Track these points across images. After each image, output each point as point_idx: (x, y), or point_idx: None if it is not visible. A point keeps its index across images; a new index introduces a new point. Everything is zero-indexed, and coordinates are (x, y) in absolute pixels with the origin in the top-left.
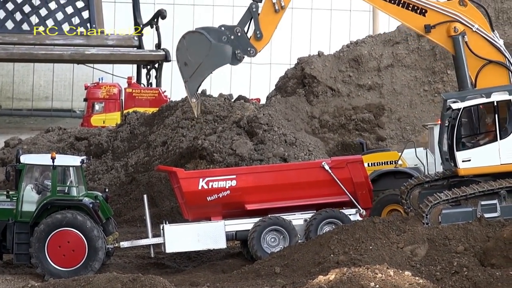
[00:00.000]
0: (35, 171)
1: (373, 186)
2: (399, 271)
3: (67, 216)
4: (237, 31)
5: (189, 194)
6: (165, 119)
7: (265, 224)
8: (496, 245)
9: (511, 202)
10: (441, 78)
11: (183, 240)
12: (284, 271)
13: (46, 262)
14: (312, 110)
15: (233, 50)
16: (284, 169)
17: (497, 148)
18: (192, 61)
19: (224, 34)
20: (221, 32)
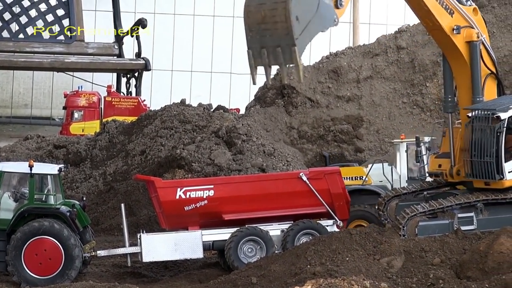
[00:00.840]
0: (12, 179)
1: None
2: (375, 282)
3: (44, 224)
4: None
5: (167, 204)
6: (144, 128)
7: (242, 234)
8: (472, 258)
9: (488, 215)
10: (420, 90)
11: (160, 249)
12: (260, 282)
13: (23, 270)
14: (291, 120)
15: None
16: (262, 179)
17: None
18: (303, 16)
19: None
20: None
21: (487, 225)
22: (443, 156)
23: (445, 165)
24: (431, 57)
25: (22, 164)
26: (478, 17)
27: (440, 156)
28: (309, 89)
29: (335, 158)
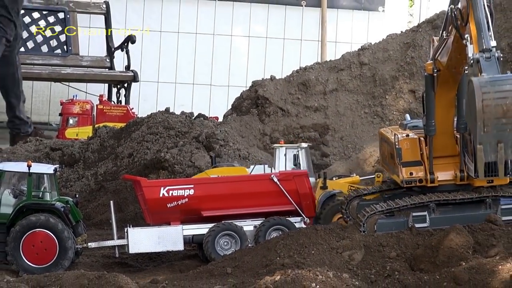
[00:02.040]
0: (12, 177)
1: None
2: (338, 273)
3: (41, 219)
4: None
5: (151, 201)
6: (132, 133)
7: (219, 229)
8: (425, 252)
9: (439, 214)
10: (380, 102)
11: (145, 242)
12: (235, 272)
13: (21, 260)
14: (264, 128)
15: None
16: (237, 180)
17: None
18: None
19: None
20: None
21: (439, 223)
22: (409, 165)
23: (417, 172)
24: (390, 72)
25: (21, 164)
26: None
27: (406, 165)
28: (280, 100)
29: None
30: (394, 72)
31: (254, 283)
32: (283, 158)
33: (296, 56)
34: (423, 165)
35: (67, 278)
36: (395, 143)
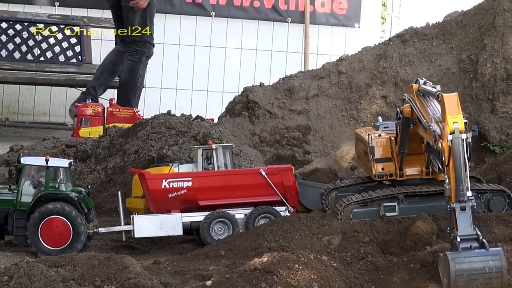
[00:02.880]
0: (32, 170)
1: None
2: (318, 256)
3: (57, 207)
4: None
5: (154, 192)
6: (138, 132)
7: (213, 217)
8: (395, 238)
9: (407, 204)
10: (356, 106)
11: (148, 228)
12: (227, 254)
13: (39, 243)
14: (254, 128)
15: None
16: (230, 173)
17: None
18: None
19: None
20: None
21: (407, 212)
22: (381, 161)
23: (388, 168)
24: (364, 80)
25: (40, 159)
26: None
27: (378, 161)
28: (268, 104)
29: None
30: (368, 80)
31: (244, 264)
32: (201, 158)
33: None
34: (393, 162)
35: (80, 259)
36: (369, 142)
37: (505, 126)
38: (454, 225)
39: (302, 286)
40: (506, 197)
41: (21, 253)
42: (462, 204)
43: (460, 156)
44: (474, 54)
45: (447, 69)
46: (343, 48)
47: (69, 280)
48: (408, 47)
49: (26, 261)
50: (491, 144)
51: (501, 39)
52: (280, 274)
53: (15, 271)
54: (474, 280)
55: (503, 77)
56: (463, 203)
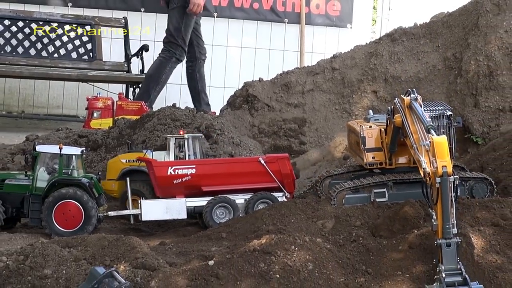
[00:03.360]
0: (46, 158)
1: (122, 180)
2: (313, 238)
3: (69, 191)
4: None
5: (160, 178)
6: (145, 124)
7: (215, 201)
8: (384, 222)
9: (396, 190)
10: (348, 100)
11: (155, 211)
12: (228, 236)
13: (53, 225)
14: (253, 120)
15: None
16: (231, 162)
17: None
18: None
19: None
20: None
21: (396, 198)
22: (372, 151)
23: (378, 157)
24: (356, 76)
25: (54, 147)
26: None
27: (369, 151)
28: (267, 98)
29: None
30: (359, 76)
31: (244, 245)
32: (173, 146)
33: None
34: (383, 151)
35: (91, 240)
36: (360, 133)
37: (487, 119)
38: (440, 259)
39: (298, 266)
40: (488, 185)
41: (36, 234)
42: (448, 240)
43: (447, 196)
44: (458, 52)
45: (434, 66)
46: (336, 47)
47: (80, 260)
48: (397, 45)
49: (41, 241)
50: (474, 136)
51: (484, 38)
52: (277, 255)
53: (31, 251)
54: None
55: (485, 74)
56: (448, 240)
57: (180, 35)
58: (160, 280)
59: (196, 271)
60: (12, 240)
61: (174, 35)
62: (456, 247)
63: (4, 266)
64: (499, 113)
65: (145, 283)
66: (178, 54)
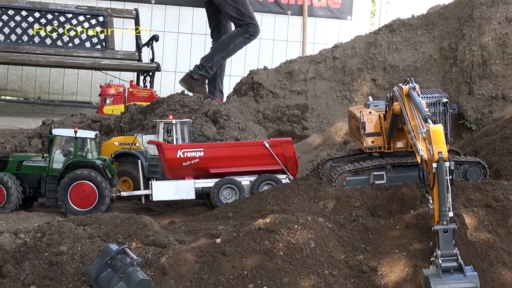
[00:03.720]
0: (62, 140)
1: (115, 161)
2: (314, 218)
3: (84, 173)
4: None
5: (170, 161)
6: (155, 110)
7: (222, 183)
8: (382, 203)
9: (394, 173)
10: (348, 88)
11: (165, 192)
12: (235, 216)
13: (68, 204)
14: (258, 106)
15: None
16: (237, 145)
17: None
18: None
19: None
20: None
21: (394, 180)
22: (371, 135)
23: (377, 141)
24: (356, 65)
25: (69, 130)
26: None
27: (369, 136)
28: (271, 85)
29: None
30: (359, 65)
31: (250, 224)
32: (162, 131)
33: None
34: (382, 136)
35: (104, 218)
36: (360, 118)
37: (480, 106)
38: (437, 245)
39: (301, 244)
40: (481, 168)
41: (52, 213)
42: (445, 227)
43: (443, 181)
44: (454, 43)
45: (430, 56)
46: (337, 38)
47: (94, 237)
48: (395, 36)
49: (57, 220)
50: (468, 122)
51: (478, 29)
52: (281, 233)
53: (47, 228)
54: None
55: (479, 63)
56: (445, 226)
57: (244, 15)
58: (170, 257)
59: (204, 249)
60: (30, 219)
61: (241, 18)
62: (452, 233)
63: (22, 243)
64: (492, 100)
65: (155, 259)
66: (251, 31)
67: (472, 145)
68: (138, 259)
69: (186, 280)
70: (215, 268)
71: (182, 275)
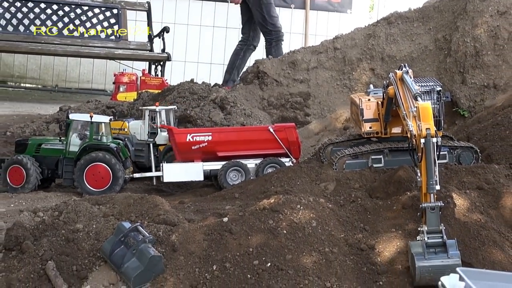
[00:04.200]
0: (78, 125)
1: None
2: (316, 198)
3: (99, 155)
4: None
5: (180, 144)
6: (166, 96)
7: (229, 165)
8: (380, 185)
9: (391, 157)
10: (348, 77)
11: (175, 174)
12: (241, 196)
13: (84, 185)
14: (263, 94)
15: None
16: (243, 130)
17: None
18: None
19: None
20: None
21: (391, 163)
22: (370, 121)
23: (375, 126)
24: (356, 55)
25: (85, 115)
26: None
27: (367, 121)
28: (275, 74)
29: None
30: (359, 55)
31: (255, 204)
32: (148, 117)
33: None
34: (380, 122)
35: (118, 198)
36: (359, 105)
37: (473, 95)
38: (424, 221)
39: (303, 223)
40: (474, 153)
41: (69, 193)
42: (432, 204)
43: (431, 155)
44: (448, 34)
45: (425, 47)
46: (337, 30)
47: (109, 216)
48: (393, 28)
49: (73, 199)
50: (461, 109)
51: (471, 22)
52: (284, 213)
53: (64, 207)
54: (435, 275)
55: (472, 54)
56: (433, 204)
57: (267, 22)
58: (179, 235)
59: (212, 227)
60: (48, 198)
61: (264, 24)
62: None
63: (41, 221)
64: (484, 89)
65: (166, 237)
66: (275, 37)
67: (465, 131)
68: (150, 236)
69: (194, 257)
70: (222, 245)
71: (191, 252)
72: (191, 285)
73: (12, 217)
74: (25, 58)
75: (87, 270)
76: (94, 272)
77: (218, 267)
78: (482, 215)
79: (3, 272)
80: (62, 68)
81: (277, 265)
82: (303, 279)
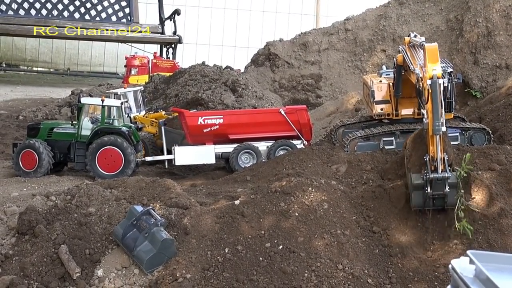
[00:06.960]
0: (90, 109)
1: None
2: (328, 181)
3: (111, 139)
4: None
5: (192, 127)
6: (177, 79)
7: (241, 148)
8: (391, 166)
9: (403, 139)
10: (360, 58)
11: (187, 157)
12: (252, 179)
13: (96, 168)
14: (274, 76)
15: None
16: (255, 113)
17: None
18: None
19: None
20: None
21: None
22: (381, 103)
23: (386, 108)
24: (367, 37)
25: (97, 99)
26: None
27: (378, 103)
28: (286, 56)
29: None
30: (370, 36)
31: (267, 187)
32: (133, 101)
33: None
34: (391, 103)
35: (130, 182)
36: (370, 86)
37: (485, 75)
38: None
39: (315, 205)
40: (486, 134)
41: (81, 177)
42: (439, 175)
43: (437, 96)
44: (460, 15)
45: (437, 27)
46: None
47: (121, 199)
48: (404, 8)
49: (86, 183)
50: (473, 90)
51: (483, 1)
52: (296, 195)
53: (77, 191)
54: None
55: (484, 34)
56: (440, 175)
57: None
58: (191, 218)
59: (223, 210)
60: (60, 182)
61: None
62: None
63: (53, 204)
64: (496, 70)
65: (178, 220)
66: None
67: (477, 112)
68: (162, 219)
69: (207, 240)
70: (234, 228)
71: (203, 235)
72: (203, 268)
73: (24, 201)
74: (37, 42)
75: (100, 254)
76: (107, 256)
77: (230, 250)
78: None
79: (16, 256)
80: (73, 52)
81: (289, 247)
82: (315, 261)
